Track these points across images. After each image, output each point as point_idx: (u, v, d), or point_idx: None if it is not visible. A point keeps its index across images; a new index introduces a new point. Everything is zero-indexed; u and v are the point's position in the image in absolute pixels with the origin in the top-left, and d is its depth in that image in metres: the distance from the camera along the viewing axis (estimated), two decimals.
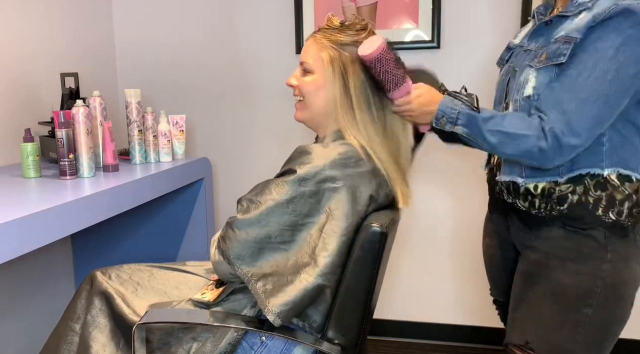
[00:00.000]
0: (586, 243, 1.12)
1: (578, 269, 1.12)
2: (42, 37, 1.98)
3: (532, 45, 1.20)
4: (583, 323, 1.12)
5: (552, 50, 1.10)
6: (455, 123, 1.15)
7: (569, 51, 1.07)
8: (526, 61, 1.17)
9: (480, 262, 2.18)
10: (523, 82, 1.15)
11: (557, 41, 1.10)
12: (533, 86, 1.12)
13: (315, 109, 1.25)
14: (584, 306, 1.12)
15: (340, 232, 1.13)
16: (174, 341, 1.22)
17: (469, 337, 2.27)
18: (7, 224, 1.08)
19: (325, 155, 1.15)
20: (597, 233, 1.11)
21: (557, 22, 1.15)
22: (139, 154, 1.82)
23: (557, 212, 1.13)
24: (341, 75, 1.20)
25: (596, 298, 1.11)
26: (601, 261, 1.11)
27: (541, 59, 1.12)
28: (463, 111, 1.14)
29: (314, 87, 1.23)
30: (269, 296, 1.10)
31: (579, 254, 1.12)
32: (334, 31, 1.23)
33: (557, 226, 1.15)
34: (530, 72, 1.13)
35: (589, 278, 1.11)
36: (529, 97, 1.13)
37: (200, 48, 2.34)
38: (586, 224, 1.12)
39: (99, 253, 2.15)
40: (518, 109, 1.16)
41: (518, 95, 1.16)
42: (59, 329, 1.37)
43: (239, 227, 1.13)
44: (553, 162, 1.09)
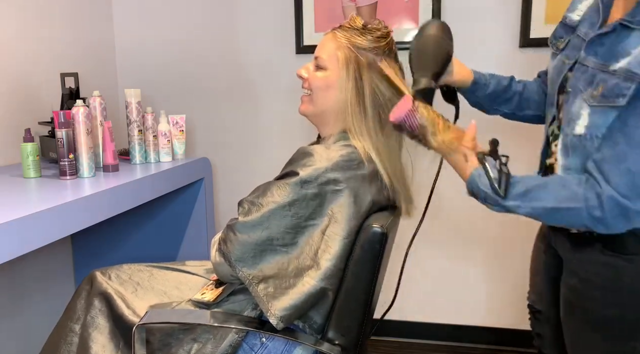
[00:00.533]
0: (628, 271, 0.99)
1: (619, 301, 1.01)
2: (42, 37, 1.98)
3: (591, 60, 0.99)
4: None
5: (610, 86, 0.91)
6: (485, 201, 1.04)
7: (631, 92, 0.88)
8: (580, 84, 1.00)
9: (482, 261, 2.19)
10: (574, 115, 0.99)
11: (617, 74, 0.91)
12: (585, 125, 0.96)
13: (321, 106, 1.24)
14: (630, 340, 1.02)
15: (343, 235, 1.12)
16: (174, 342, 1.22)
17: (469, 337, 2.27)
18: (7, 224, 1.08)
19: (327, 157, 1.14)
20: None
21: (620, 33, 0.94)
22: (139, 154, 1.82)
23: (597, 235, 1.00)
24: (355, 78, 1.19)
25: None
26: None
27: (595, 95, 0.94)
28: (488, 193, 1.01)
29: (324, 84, 1.22)
30: (271, 299, 1.10)
31: (619, 284, 1.00)
32: (355, 32, 1.21)
33: (596, 249, 1.02)
34: (583, 106, 0.97)
35: (632, 311, 1.00)
36: (580, 136, 0.97)
37: (200, 48, 2.34)
38: (629, 250, 0.99)
39: (99, 253, 2.15)
40: (568, 144, 1.01)
41: (569, 129, 1.01)
42: (59, 329, 1.37)
43: (240, 230, 1.13)
44: (615, 230, 0.94)
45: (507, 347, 2.22)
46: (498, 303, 2.22)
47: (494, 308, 2.22)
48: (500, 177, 1.00)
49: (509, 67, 2.02)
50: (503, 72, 1.39)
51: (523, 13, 1.98)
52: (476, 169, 1.04)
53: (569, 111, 1.02)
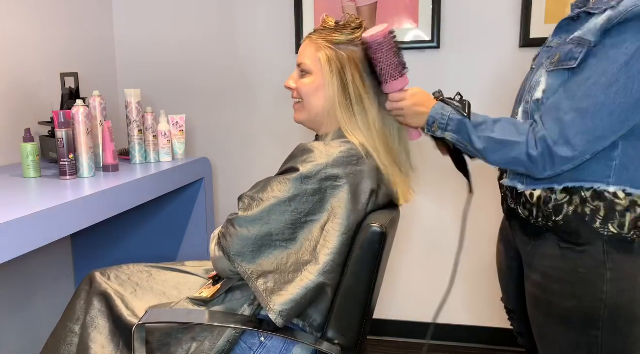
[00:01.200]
0: (582, 263, 1.03)
1: (575, 292, 1.04)
2: (42, 37, 1.98)
3: (555, 41, 1.13)
4: (596, 345, 1.05)
5: (564, 52, 1.03)
6: (445, 129, 1.13)
7: (581, 55, 0.99)
8: (543, 60, 1.12)
9: (480, 262, 2.19)
10: (535, 84, 1.09)
11: (571, 42, 1.02)
12: (543, 90, 1.06)
13: (314, 110, 1.26)
14: (592, 329, 1.04)
15: (342, 230, 1.13)
16: (174, 342, 1.22)
17: (469, 337, 2.27)
18: (7, 224, 1.08)
19: (327, 153, 1.15)
20: (594, 250, 1.02)
21: (583, 19, 1.06)
22: (139, 154, 1.82)
23: (552, 224, 1.06)
24: (339, 73, 1.21)
25: (602, 320, 1.03)
26: (600, 282, 1.02)
27: (554, 61, 1.05)
28: (453, 117, 1.12)
29: (312, 88, 1.24)
30: (271, 294, 1.10)
31: (575, 276, 1.04)
32: (329, 31, 1.23)
33: (553, 243, 1.08)
34: (542, 74, 1.07)
35: (590, 300, 1.03)
36: (538, 100, 1.06)
37: (200, 48, 2.34)
38: (582, 240, 1.03)
39: (99, 253, 2.15)
40: (528, 111, 1.09)
41: (529, 96, 1.10)
42: (58, 330, 1.37)
43: (240, 225, 1.13)
44: (543, 172, 1.03)
45: (507, 347, 2.22)
46: (498, 303, 2.22)
47: (493, 308, 2.22)
48: (463, 104, 1.12)
49: (509, 67, 2.02)
50: (503, 72, 1.39)
51: (523, 13, 1.98)
52: (437, 103, 1.16)
53: (529, 83, 1.12)
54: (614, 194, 1.01)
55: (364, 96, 1.22)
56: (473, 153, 1.13)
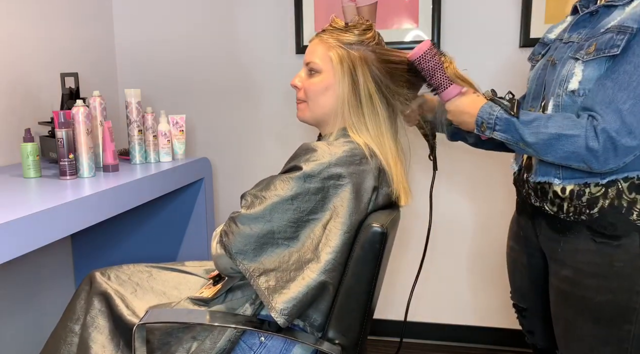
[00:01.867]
0: (618, 257, 1.03)
1: (611, 286, 1.04)
2: (42, 37, 1.98)
3: (575, 36, 1.11)
4: (627, 339, 1.05)
5: (603, 41, 1.00)
6: (493, 129, 1.10)
7: (624, 42, 0.97)
8: (569, 53, 1.09)
9: (482, 261, 2.19)
10: (567, 75, 1.06)
11: (610, 31, 1.00)
12: (579, 80, 1.03)
13: (321, 110, 1.26)
14: (624, 323, 1.05)
15: (344, 229, 1.13)
16: (174, 341, 1.22)
17: (469, 337, 2.27)
18: (7, 224, 1.08)
19: (330, 152, 1.15)
20: (630, 243, 1.02)
21: (604, 13, 1.06)
22: (139, 154, 1.82)
23: (586, 217, 1.05)
24: (350, 74, 1.21)
25: (636, 313, 1.04)
26: (637, 275, 1.02)
27: (589, 51, 1.02)
28: (501, 116, 1.08)
29: (322, 87, 1.24)
30: (273, 293, 1.10)
31: (610, 270, 1.04)
32: (339, 31, 1.24)
33: (586, 237, 1.07)
34: (576, 65, 1.04)
35: (625, 294, 1.04)
36: (573, 91, 1.04)
37: (200, 48, 2.34)
38: (618, 232, 1.03)
39: (99, 253, 2.15)
40: (560, 104, 1.07)
41: (560, 89, 1.07)
42: (59, 330, 1.37)
43: (242, 222, 1.13)
44: (606, 165, 0.99)
45: (506, 347, 2.22)
46: (498, 303, 2.22)
47: (493, 308, 2.22)
48: (512, 103, 1.09)
49: (509, 67, 2.02)
50: (503, 72, 1.39)
51: (523, 13, 1.98)
52: (487, 102, 1.14)
53: (558, 76, 1.10)
54: None
55: (374, 96, 1.22)
56: (525, 151, 1.09)
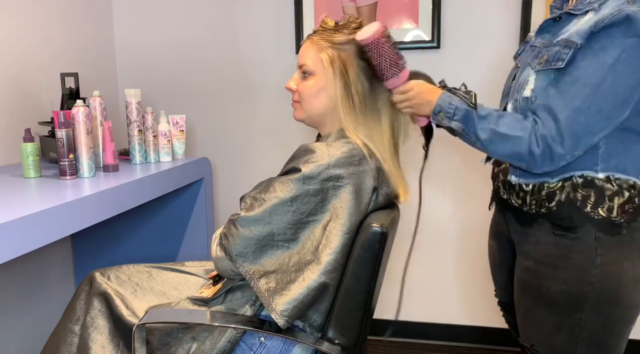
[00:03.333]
0: (574, 248, 1.10)
1: (566, 277, 1.11)
2: (42, 37, 1.98)
3: (538, 41, 1.18)
4: (578, 326, 1.12)
5: (552, 53, 1.09)
6: (452, 118, 1.15)
7: (569, 56, 1.05)
8: (529, 59, 1.16)
9: (481, 262, 2.19)
10: (523, 82, 1.14)
11: (558, 44, 1.09)
12: (531, 88, 1.11)
13: (315, 111, 1.26)
14: (576, 312, 1.11)
15: (344, 230, 1.13)
16: (174, 341, 1.22)
17: (469, 337, 2.27)
18: (7, 224, 1.08)
19: (329, 153, 1.15)
20: (586, 235, 1.09)
21: (565, 20, 1.13)
22: (139, 154, 1.82)
23: (546, 210, 1.12)
24: (341, 74, 1.21)
25: (587, 302, 1.10)
26: (590, 267, 1.09)
27: (541, 61, 1.11)
28: (460, 106, 1.14)
29: (315, 90, 1.24)
30: (273, 294, 1.10)
31: (567, 261, 1.11)
32: (329, 32, 1.23)
33: (547, 229, 1.13)
34: (530, 73, 1.13)
35: (578, 284, 1.10)
36: (527, 98, 1.12)
37: (200, 48, 2.34)
38: (574, 224, 1.09)
39: (99, 253, 2.15)
40: (517, 108, 1.15)
41: (518, 94, 1.15)
42: (58, 330, 1.37)
43: (242, 225, 1.13)
44: (542, 168, 1.08)
45: (506, 347, 2.22)
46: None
47: (493, 308, 2.22)
48: (470, 95, 1.15)
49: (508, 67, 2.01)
50: (503, 72, 1.39)
51: (523, 13, 1.98)
52: (444, 91, 1.18)
53: (517, 80, 1.18)
54: (604, 179, 1.07)
55: (367, 96, 1.22)
56: (473, 142, 1.15)
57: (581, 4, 1.10)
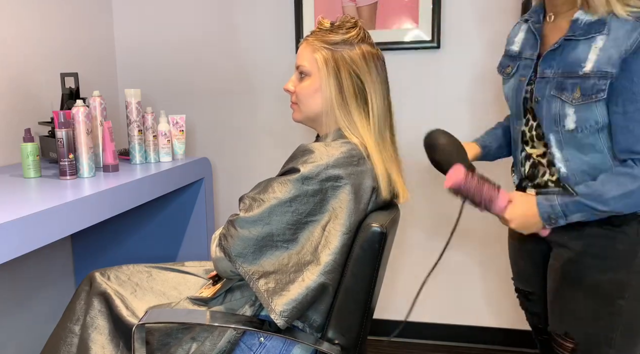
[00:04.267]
0: (620, 239, 1.15)
1: (612, 265, 1.16)
2: (42, 37, 1.98)
3: (548, 72, 1.19)
4: (618, 313, 1.16)
5: (587, 86, 1.11)
6: (566, 217, 1.15)
7: (607, 86, 1.09)
8: (551, 92, 1.17)
9: (481, 261, 2.19)
10: (560, 116, 1.16)
11: (590, 77, 1.11)
12: (574, 121, 1.14)
13: (312, 112, 1.26)
14: (618, 299, 1.16)
15: (343, 230, 1.13)
16: (174, 342, 1.22)
17: (469, 337, 2.27)
18: (7, 224, 1.08)
19: (328, 154, 1.15)
20: (630, 229, 1.14)
21: (567, 47, 1.15)
22: (139, 154, 1.82)
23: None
24: (335, 74, 1.21)
25: (630, 290, 1.15)
26: (634, 256, 1.14)
27: (576, 96, 1.13)
28: (562, 202, 1.15)
29: (311, 91, 1.24)
30: (272, 295, 1.10)
31: (612, 251, 1.16)
32: (325, 32, 1.23)
33: (592, 225, 1.17)
34: (566, 107, 1.14)
35: (623, 273, 1.15)
36: (571, 130, 1.15)
37: (200, 48, 2.34)
38: (621, 220, 1.14)
39: (99, 253, 2.15)
40: (561, 140, 1.17)
41: (557, 127, 1.17)
42: (58, 330, 1.37)
43: (241, 225, 1.13)
44: None
45: (506, 347, 2.22)
46: (497, 303, 2.22)
47: (493, 308, 2.22)
48: (560, 186, 1.19)
49: None
50: None
51: (522, 12, 1.98)
52: (536, 197, 1.19)
53: (548, 114, 1.19)
54: None
55: (360, 96, 1.22)
56: (599, 217, 1.15)
57: (578, 29, 1.13)
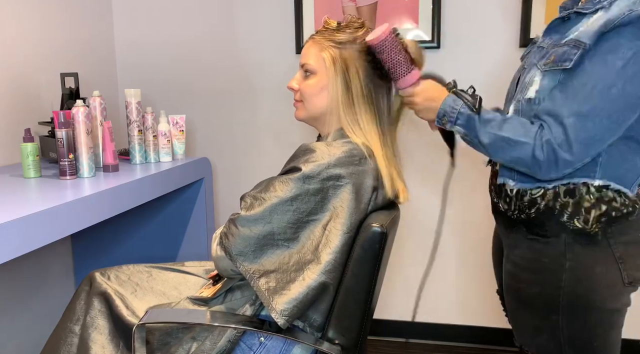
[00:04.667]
0: (545, 253, 1.11)
1: (539, 279, 1.12)
2: (42, 37, 1.98)
3: (546, 41, 1.15)
4: (557, 328, 1.12)
5: (560, 53, 1.04)
6: (455, 123, 1.14)
7: (577, 57, 1.01)
8: (535, 60, 1.13)
9: (480, 262, 2.19)
10: (527, 83, 1.11)
11: (567, 44, 1.04)
12: (536, 90, 1.08)
13: (316, 110, 1.26)
14: (552, 314, 1.12)
15: (344, 229, 1.13)
16: (174, 341, 1.22)
17: (469, 337, 2.27)
18: (7, 224, 1.08)
19: (329, 153, 1.15)
20: (556, 241, 1.09)
21: (574, 19, 1.09)
22: (139, 154, 1.82)
23: (525, 216, 1.12)
24: (342, 73, 1.21)
25: (561, 305, 1.10)
26: (560, 271, 1.09)
27: (548, 62, 1.07)
28: (463, 111, 1.13)
29: (317, 89, 1.24)
30: (273, 294, 1.10)
31: (539, 264, 1.12)
32: (332, 32, 1.24)
33: (523, 234, 1.14)
34: (536, 73, 1.09)
35: (550, 287, 1.11)
36: (530, 99, 1.09)
37: (200, 48, 2.34)
38: (547, 231, 1.10)
39: (99, 253, 2.15)
40: (520, 110, 1.12)
41: (521, 95, 1.13)
42: (58, 330, 1.37)
43: (242, 224, 1.13)
44: (547, 174, 1.06)
45: (506, 347, 2.22)
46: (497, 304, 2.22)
47: (493, 308, 2.22)
48: (475, 99, 1.13)
49: (509, 67, 2.01)
50: (503, 72, 1.40)
51: (523, 13, 1.98)
52: (449, 95, 1.16)
53: (522, 81, 1.15)
54: (595, 187, 1.05)
55: (367, 96, 1.22)
56: (477, 147, 1.14)
57: (591, 3, 1.05)
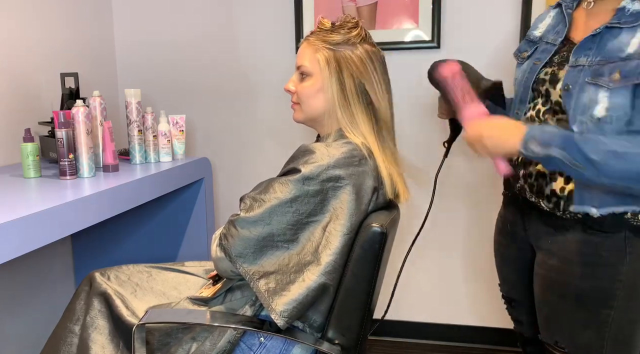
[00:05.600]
0: (604, 247, 1.10)
1: (596, 273, 1.11)
2: (42, 37, 1.98)
3: (583, 60, 1.09)
4: (606, 323, 1.13)
5: (629, 68, 1.02)
6: (549, 145, 1.03)
7: None
8: (585, 79, 1.07)
9: (481, 262, 2.19)
10: (590, 103, 1.06)
11: (633, 58, 1.01)
12: (606, 107, 1.03)
13: (313, 112, 1.26)
14: (605, 308, 1.12)
15: (344, 231, 1.13)
16: (174, 342, 1.22)
17: (469, 337, 2.27)
18: (7, 224, 1.08)
19: (329, 154, 1.15)
20: (617, 236, 1.09)
21: (608, 35, 1.07)
22: (139, 154, 1.82)
23: (582, 216, 1.11)
24: (337, 74, 1.21)
25: (617, 299, 1.11)
26: (620, 264, 1.09)
27: (614, 79, 1.03)
28: (557, 131, 1.04)
29: (313, 91, 1.24)
30: (273, 295, 1.10)
31: (597, 259, 1.11)
32: (326, 32, 1.23)
33: (578, 230, 1.13)
34: (600, 92, 1.04)
35: (608, 281, 1.11)
36: (600, 119, 1.04)
37: (200, 48, 2.34)
38: (608, 228, 1.09)
39: (99, 253, 2.15)
40: (584, 131, 1.07)
41: (584, 116, 1.07)
42: (58, 331, 1.37)
43: (241, 225, 1.13)
44: None
45: (505, 347, 2.22)
46: (498, 303, 2.21)
47: (493, 308, 2.22)
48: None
49: (508, 66, 2.01)
50: (503, 71, 1.40)
51: (523, 12, 1.98)
52: (530, 126, 1.08)
53: (578, 103, 1.08)
54: None
55: (362, 95, 1.22)
56: (576, 171, 1.03)
57: (624, 17, 1.05)
